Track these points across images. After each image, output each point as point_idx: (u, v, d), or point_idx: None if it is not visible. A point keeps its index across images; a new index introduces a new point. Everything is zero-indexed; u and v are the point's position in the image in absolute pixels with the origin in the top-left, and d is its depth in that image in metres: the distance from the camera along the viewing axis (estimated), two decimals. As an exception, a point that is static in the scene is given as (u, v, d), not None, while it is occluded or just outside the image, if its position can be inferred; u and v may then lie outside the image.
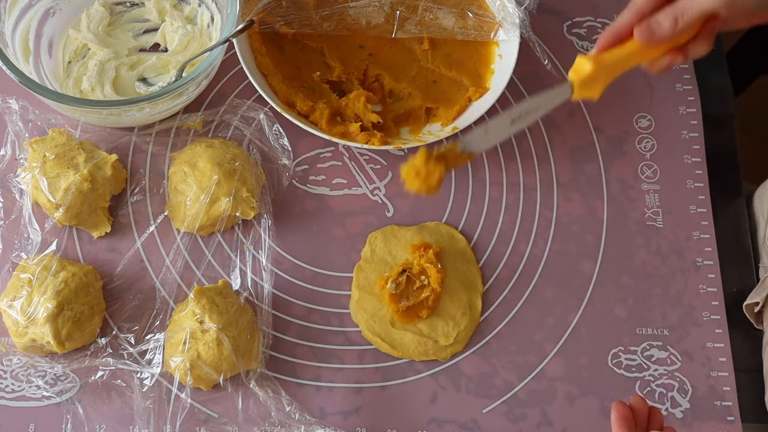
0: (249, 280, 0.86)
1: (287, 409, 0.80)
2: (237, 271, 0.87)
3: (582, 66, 0.73)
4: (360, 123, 0.89)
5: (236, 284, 0.86)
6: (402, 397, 0.85)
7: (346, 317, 0.87)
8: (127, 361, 0.81)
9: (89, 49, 0.93)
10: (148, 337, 0.82)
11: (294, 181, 0.92)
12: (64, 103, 0.81)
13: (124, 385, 0.81)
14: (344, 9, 0.95)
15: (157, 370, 0.81)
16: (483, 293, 0.89)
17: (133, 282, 0.86)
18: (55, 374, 0.82)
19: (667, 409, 0.86)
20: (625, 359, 0.88)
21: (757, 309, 0.87)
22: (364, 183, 0.93)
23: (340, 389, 0.85)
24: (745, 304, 0.88)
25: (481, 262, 0.90)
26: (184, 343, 0.79)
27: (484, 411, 0.85)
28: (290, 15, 0.93)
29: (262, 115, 0.91)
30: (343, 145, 0.94)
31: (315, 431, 0.78)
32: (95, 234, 0.87)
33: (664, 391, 0.87)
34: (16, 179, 0.86)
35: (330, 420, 0.83)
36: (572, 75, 0.74)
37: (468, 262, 0.89)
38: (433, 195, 0.73)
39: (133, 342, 0.83)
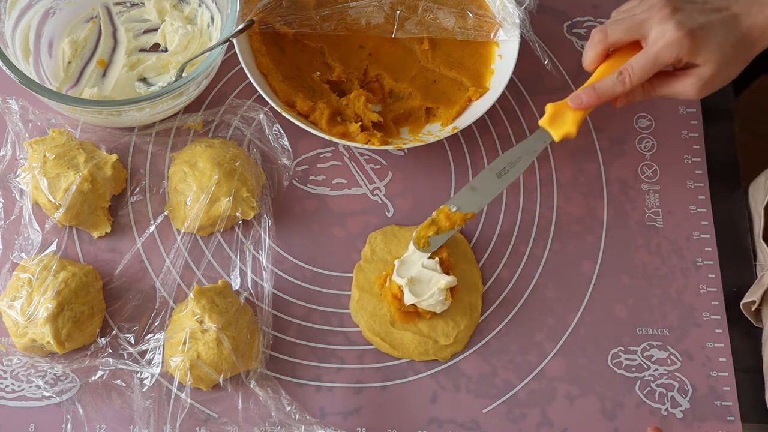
0: (249, 280, 0.86)
1: (287, 409, 0.80)
2: (237, 271, 0.87)
3: (548, 110, 0.82)
4: (360, 123, 0.89)
5: (236, 284, 0.86)
6: (402, 397, 0.85)
7: (346, 317, 0.87)
8: (127, 361, 0.81)
9: (89, 49, 0.93)
10: (148, 337, 0.82)
11: (294, 181, 0.92)
12: (64, 103, 0.81)
13: (124, 385, 0.81)
14: (344, 9, 0.94)
15: (156, 370, 0.81)
16: (483, 293, 0.89)
17: (133, 282, 0.86)
18: (55, 374, 0.82)
19: (667, 409, 0.86)
20: (625, 359, 0.88)
21: (753, 308, 0.87)
22: (364, 183, 0.93)
23: (340, 389, 0.85)
24: (742, 302, 0.88)
25: (481, 262, 0.90)
26: (184, 343, 0.79)
27: (484, 411, 0.85)
28: (290, 15, 0.93)
29: (262, 115, 0.91)
30: (343, 145, 0.94)
31: (315, 431, 0.79)
32: (95, 234, 0.87)
33: (664, 391, 0.87)
34: (16, 179, 0.86)
35: (330, 420, 0.83)
36: (541, 122, 0.83)
37: (468, 262, 0.89)
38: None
39: (133, 342, 0.83)
